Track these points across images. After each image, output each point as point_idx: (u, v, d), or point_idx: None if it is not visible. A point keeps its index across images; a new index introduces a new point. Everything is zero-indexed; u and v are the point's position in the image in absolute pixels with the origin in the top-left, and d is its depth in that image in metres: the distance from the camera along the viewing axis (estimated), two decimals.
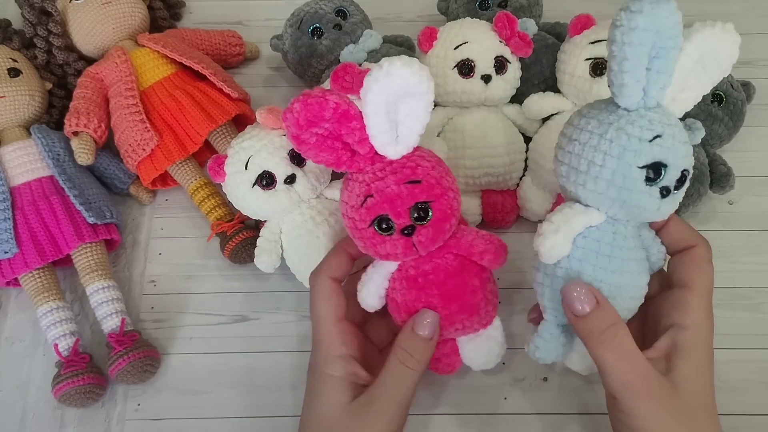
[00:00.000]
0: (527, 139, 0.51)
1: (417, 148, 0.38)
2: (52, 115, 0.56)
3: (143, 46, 0.56)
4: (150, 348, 0.46)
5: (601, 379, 0.35)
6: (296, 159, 0.45)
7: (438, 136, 0.51)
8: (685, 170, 0.33)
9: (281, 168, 0.44)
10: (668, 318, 0.36)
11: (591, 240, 0.35)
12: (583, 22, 0.49)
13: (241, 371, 0.47)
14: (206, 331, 0.49)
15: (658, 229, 0.38)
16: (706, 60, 0.34)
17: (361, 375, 0.38)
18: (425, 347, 0.38)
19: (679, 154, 0.33)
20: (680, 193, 0.34)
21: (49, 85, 0.56)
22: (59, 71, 0.57)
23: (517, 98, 0.51)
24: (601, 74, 0.47)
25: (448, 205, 0.37)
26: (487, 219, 0.51)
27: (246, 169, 0.44)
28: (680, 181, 0.34)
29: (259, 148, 0.44)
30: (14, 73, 0.53)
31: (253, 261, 0.48)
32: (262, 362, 0.48)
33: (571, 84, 0.48)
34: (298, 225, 0.46)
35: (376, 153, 0.37)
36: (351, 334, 0.39)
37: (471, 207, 0.51)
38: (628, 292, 0.36)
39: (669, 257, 0.38)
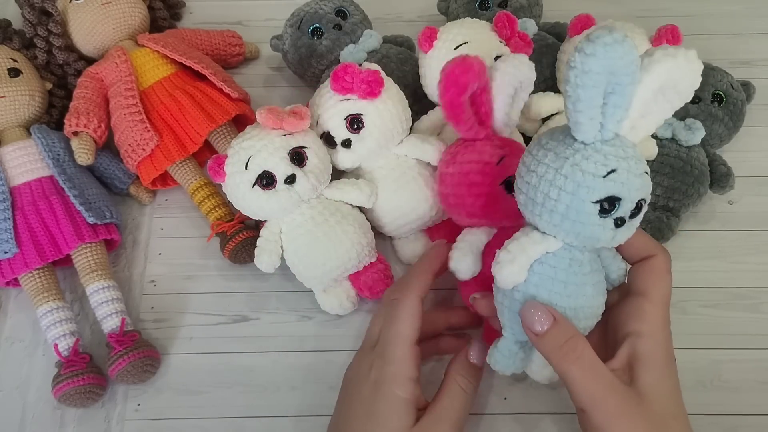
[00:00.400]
0: (527, 139, 0.51)
1: None
2: (52, 115, 0.56)
3: (143, 46, 0.56)
4: (150, 348, 0.46)
5: (570, 395, 0.36)
6: (296, 159, 0.45)
7: (438, 135, 0.51)
8: (640, 200, 0.34)
9: (281, 168, 0.44)
10: (625, 326, 0.37)
11: (547, 266, 0.36)
12: (583, 22, 0.49)
13: (241, 371, 0.47)
14: (206, 331, 0.49)
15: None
16: (666, 88, 0.34)
17: (421, 399, 0.39)
18: (479, 373, 0.41)
19: (634, 187, 0.33)
20: (637, 220, 0.35)
21: (49, 85, 0.56)
22: (59, 71, 0.57)
23: None
24: None
25: None
26: None
27: (246, 169, 0.44)
28: (636, 210, 0.34)
29: (259, 148, 0.44)
30: (14, 73, 0.53)
31: (253, 261, 0.48)
32: (261, 362, 0.48)
33: None
34: (298, 225, 0.46)
35: (491, 127, 0.43)
36: (419, 357, 0.40)
37: None
38: (584, 313, 0.37)
39: (629, 267, 0.39)
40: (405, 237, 0.50)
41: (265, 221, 0.48)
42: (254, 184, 0.44)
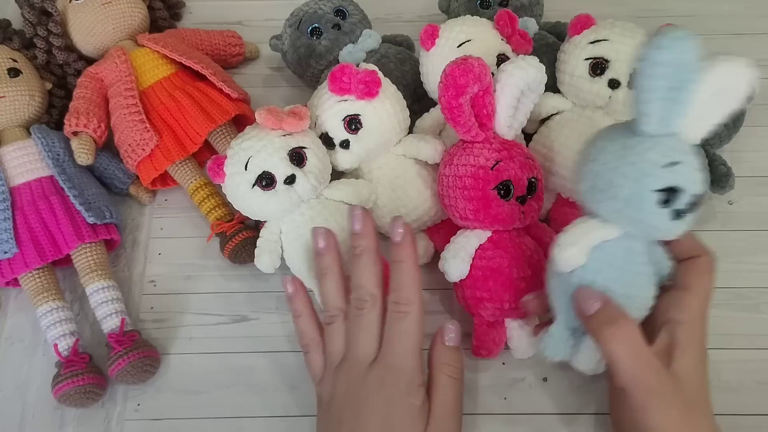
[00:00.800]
0: (527, 138, 0.51)
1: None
2: (52, 115, 0.56)
3: (143, 46, 0.56)
4: (150, 348, 0.46)
5: (610, 373, 0.37)
6: (296, 159, 0.45)
7: (441, 134, 0.51)
8: (697, 195, 0.35)
9: (281, 168, 0.44)
10: (665, 314, 0.38)
11: (605, 253, 0.37)
12: (583, 22, 0.49)
13: (241, 371, 0.47)
14: (206, 331, 0.49)
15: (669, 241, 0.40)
16: (722, 92, 0.36)
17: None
18: (460, 355, 0.41)
19: (694, 181, 0.35)
20: (694, 215, 0.36)
21: (49, 85, 0.56)
22: (59, 71, 0.57)
23: None
24: (600, 74, 0.47)
25: (543, 187, 0.44)
26: None
27: (246, 169, 0.44)
28: (693, 204, 0.36)
29: (258, 149, 0.44)
30: (14, 73, 0.53)
31: (252, 261, 0.48)
32: (261, 362, 0.48)
33: (570, 84, 0.48)
34: (298, 225, 0.46)
35: (493, 130, 0.43)
36: None
37: None
38: (635, 303, 0.38)
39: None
40: None
41: (265, 221, 0.48)
42: (254, 185, 0.44)
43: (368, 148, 0.47)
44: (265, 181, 0.44)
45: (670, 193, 0.35)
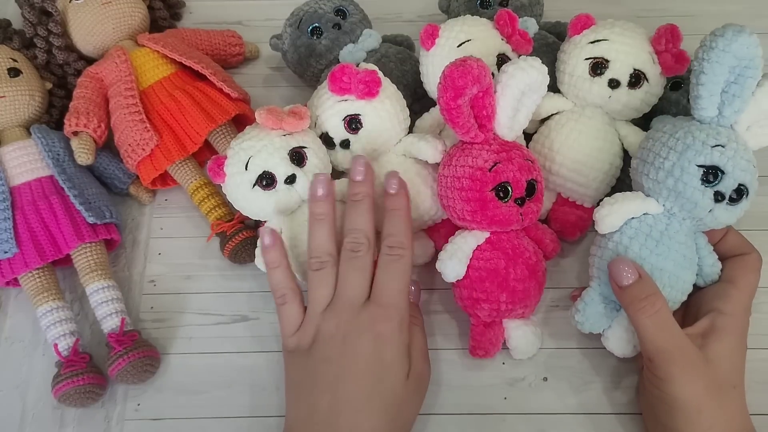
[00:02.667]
0: (527, 137, 0.51)
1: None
2: (52, 115, 0.56)
3: (143, 46, 0.56)
4: (150, 348, 0.46)
5: (640, 345, 0.39)
6: (296, 159, 0.45)
7: (441, 133, 0.51)
8: (742, 185, 0.38)
9: (281, 168, 0.44)
10: (709, 305, 0.40)
11: (645, 224, 0.40)
12: (583, 22, 0.49)
13: (241, 371, 0.47)
14: (206, 331, 0.49)
15: (717, 241, 0.42)
16: None
17: None
18: (417, 307, 0.46)
19: (739, 166, 0.37)
20: (738, 208, 0.39)
21: (49, 85, 0.56)
22: (59, 71, 0.57)
23: None
24: (600, 74, 0.47)
25: (543, 189, 0.44)
26: None
27: (246, 169, 0.44)
28: (737, 194, 0.38)
29: (259, 149, 0.44)
30: (14, 73, 0.53)
31: (253, 261, 0.48)
32: (261, 362, 0.48)
33: (570, 83, 0.48)
34: (299, 225, 0.46)
35: (493, 131, 0.43)
36: None
37: None
38: (669, 279, 0.40)
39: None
40: None
41: (266, 221, 0.48)
42: (254, 185, 0.44)
43: (368, 148, 0.47)
44: (266, 180, 0.44)
45: (713, 173, 0.37)
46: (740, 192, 0.38)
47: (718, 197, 0.38)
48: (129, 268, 0.52)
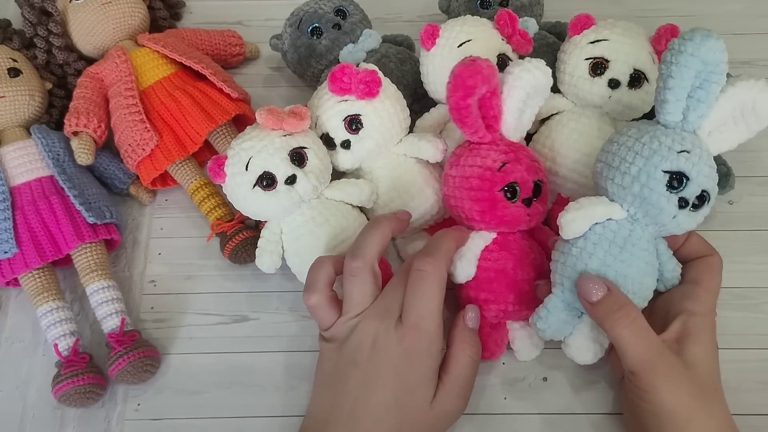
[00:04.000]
0: (527, 139, 0.51)
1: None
2: (52, 115, 0.56)
3: (143, 46, 0.56)
4: (150, 348, 0.46)
5: (621, 359, 0.38)
6: (297, 159, 0.45)
7: (441, 133, 0.51)
8: (705, 191, 0.38)
9: (282, 168, 0.44)
10: (679, 306, 0.40)
11: (608, 230, 0.39)
12: (584, 22, 0.49)
13: (241, 371, 0.47)
14: (206, 331, 0.49)
15: (679, 246, 0.42)
16: (745, 109, 0.38)
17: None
18: (478, 339, 0.43)
19: (702, 173, 0.37)
20: (699, 214, 0.38)
21: (49, 85, 0.56)
22: (59, 71, 0.57)
23: None
24: (600, 74, 0.47)
25: (548, 190, 0.44)
26: None
27: (246, 170, 0.44)
28: (700, 200, 0.38)
29: (259, 149, 0.44)
30: (14, 73, 0.53)
31: (253, 261, 0.48)
32: (261, 362, 0.48)
33: (570, 83, 0.48)
34: (299, 225, 0.46)
35: (499, 131, 0.43)
36: None
37: None
38: (633, 286, 0.39)
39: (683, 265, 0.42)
40: (407, 237, 0.50)
41: (266, 221, 0.48)
42: (255, 185, 0.44)
43: (369, 148, 0.47)
44: (266, 181, 0.44)
45: (678, 179, 0.37)
46: (702, 198, 0.38)
47: (682, 203, 0.37)
48: (129, 269, 0.52)
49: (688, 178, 0.37)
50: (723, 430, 0.38)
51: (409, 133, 0.50)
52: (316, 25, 0.54)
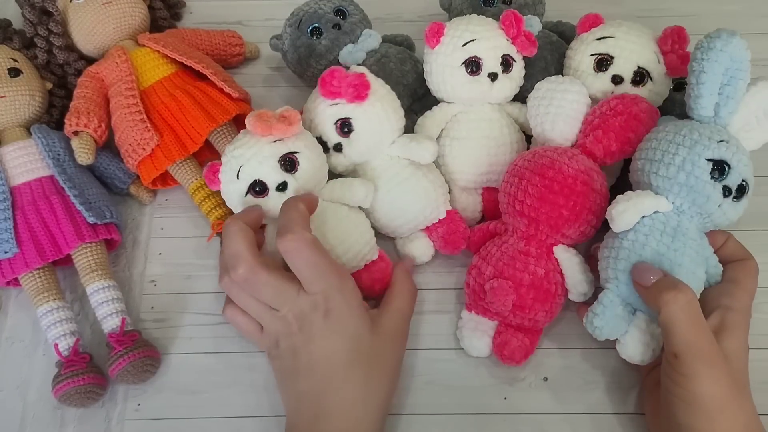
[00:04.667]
0: (528, 138, 0.51)
1: None
2: (53, 115, 0.56)
3: (143, 45, 0.56)
4: (150, 348, 0.46)
5: (665, 340, 0.38)
6: (287, 165, 0.44)
7: (441, 132, 0.51)
8: (744, 180, 0.39)
9: (272, 176, 0.44)
10: (716, 302, 0.40)
11: (657, 221, 0.40)
12: (592, 21, 0.50)
13: (241, 371, 0.47)
14: (206, 331, 0.49)
15: (717, 249, 0.43)
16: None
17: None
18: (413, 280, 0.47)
19: (742, 162, 0.39)
20: (740, 204, 0.40)
21: (49, 85, 0.56)
22: (59, 71, 0.57)
23: (519, 96, 0.51)
24: (605, 69, 0.47)
25: None
26: (488, 216, 0.51)
27: (238, 178, 0.44)
28: (740, 190, 0.39)
29: (249, 157, 0.44)
30: (14, 73, 0.53)
31: None
32: (261, 362, 0.48)
33: (575, 78, 0.48)
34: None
35: None
36: None
37: (472, 204, 0.51)
38: (687, 275, 0.39)
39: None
40: (406, 236, 0.50)
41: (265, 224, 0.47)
42: (247, 193, 0.44)
43: (361, 151, 0.47)
44: (258, 188, 0.44)
45: (720, 168, 0.38)
46: (742, 188, 0.40)
47: (726, 192, 0.39)
48: (129, 268, 0.52)
49: (729, 167, 0.38)
50: (751, 425, 0.38)
51: (410, 132, 0.50)
52: (316, 25, 0.54)
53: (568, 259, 0.44)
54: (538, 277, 0.43)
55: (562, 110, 0.45)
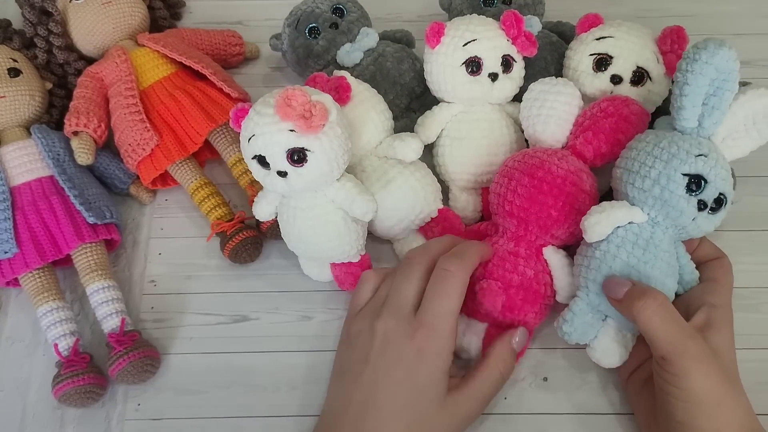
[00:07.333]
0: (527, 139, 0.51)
1: None
2: (53, 115, 0.56)
3: (143, 45, 0.56)
4: (150, 348, 0.46)
5: (651, 346, 0.38)
6: (295, 159, 0.41)
7: (441, 132, 0.51)
8: (722, 194, 0.39)
9: (277, 161, 0.41)
10: (699, 301, 0.41)
11: (630, 232, 0.40)
12: (591, 21, 0.50)
13: (241, 371, 0.47)
14: (206, 331, 0.49)
15: (692, 250, 0.43)
16: (757, 117, 0.40)
17: (453, 368, 0.41)
18: (515, 361, 0.43)
19: (720, 176, 0.39)
20: (717, 217, 0.40)
21: (49, 85, 0.56)
22: (59, 71, 0.57)
23: (519, 97, 0.51)
24: (604, 69, 0.47)
25: None
26: (488, 216, 0.51)
27: (248, 142, 0.42)
28: (717, 203, 0.39)
29: (262, 132, 0.41)
30: (14, 73, 0.53)
31: (253, 261, 0.48)
32: (261, 362, 0.48)
33: (574, 78, 0.49)
34: (290, 209, 0.45)
35: None
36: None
37: (471, 204, 0.51)
38: (656, 286, 0.39)
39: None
40: (403, 238, 0.50)
41: (265, 221, 0.47)
42: (254, 157, 0.42)
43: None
44: (261, 162, 0.42)
45: (696, 182, 0.38)
46: (720, 201, 0.39)
47: (701, 206, 0.39)
48: (129, 268, 0.52)
49: (706, 181, 0.38)
50: (749, 418, 0.38)
51: (411, 131, 0.50)
52: (314, 25, 0.54)
53: (557, 260, 0.44)
54: (527, 278, 0.43)
55: (554, 112, 0.45)
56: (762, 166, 0.55)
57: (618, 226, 0.40)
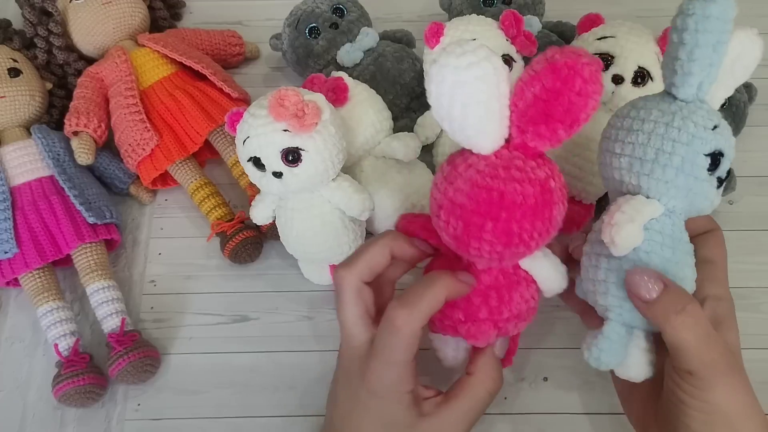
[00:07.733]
0: None
1: None
2: (53, 115, 0.56)
3: (143, 45, 0.56)
4: (150, 348, 0.46)
5: (676, 361, 0.34)
6: (290, 159, 0.41)
7: (441, 132, 0.51)
8: (730, 162, 0.34)
9: (272, 162, 0.41)
10: (702, 291, 0.37)
11: (654, 232, 0.34)
12: (592, 21, 0.49)
13: (241, 371, 0.47)
14: (206, 331, 0.49)
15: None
16: (736, 61, 0.35)
17: (421, 390, 0.38)
18: (501, 371, 0.39)
19: (730, 145, 0.34)
20: (721, 188, 0.35)
21: (49, 85, 0.56)
22: (59, 71, 0.57)
23: None
24: (605, 69, 0.47)
25: None
26: None
27: (243, 144, 0.42)
28: (728, 174, 0.35)
29: (257, 133, 0.41)
30: (14, 73, 0.53)
31: (253, 261, 0.48)
32: (261, 362, 0.48)
33: None
34: (287, 210, 0.45)
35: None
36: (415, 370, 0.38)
37: None
38: (688, 284, 0.35)
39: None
40: None
41: (265, 223, 0.47)
42: (249, 160, 0.42)
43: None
44: (257, 164, 0.42)
45: (714, 159, 0.33)
46: (728, 173, 0.35)
47: (718, 182, 0.34)
48: (129, 268, 0.52)
49: (723, 155, 0.33)
50: (766, 425, 0.36)
51: (411, 130, 0.50)
52: (313, 25, 0.54)
53: (535, 265, 0.38)
54: (516, 304, 0.38)
55: (471, 98, 0.32)
56: (762, 166, 0.55)
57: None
